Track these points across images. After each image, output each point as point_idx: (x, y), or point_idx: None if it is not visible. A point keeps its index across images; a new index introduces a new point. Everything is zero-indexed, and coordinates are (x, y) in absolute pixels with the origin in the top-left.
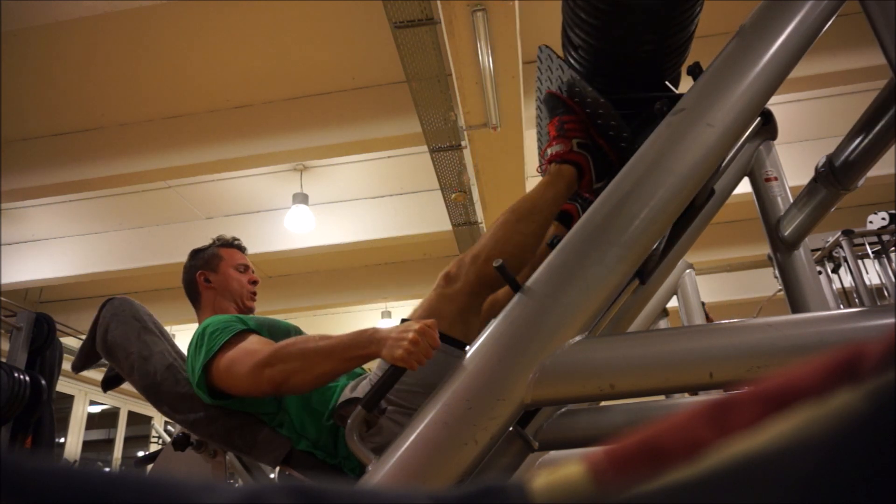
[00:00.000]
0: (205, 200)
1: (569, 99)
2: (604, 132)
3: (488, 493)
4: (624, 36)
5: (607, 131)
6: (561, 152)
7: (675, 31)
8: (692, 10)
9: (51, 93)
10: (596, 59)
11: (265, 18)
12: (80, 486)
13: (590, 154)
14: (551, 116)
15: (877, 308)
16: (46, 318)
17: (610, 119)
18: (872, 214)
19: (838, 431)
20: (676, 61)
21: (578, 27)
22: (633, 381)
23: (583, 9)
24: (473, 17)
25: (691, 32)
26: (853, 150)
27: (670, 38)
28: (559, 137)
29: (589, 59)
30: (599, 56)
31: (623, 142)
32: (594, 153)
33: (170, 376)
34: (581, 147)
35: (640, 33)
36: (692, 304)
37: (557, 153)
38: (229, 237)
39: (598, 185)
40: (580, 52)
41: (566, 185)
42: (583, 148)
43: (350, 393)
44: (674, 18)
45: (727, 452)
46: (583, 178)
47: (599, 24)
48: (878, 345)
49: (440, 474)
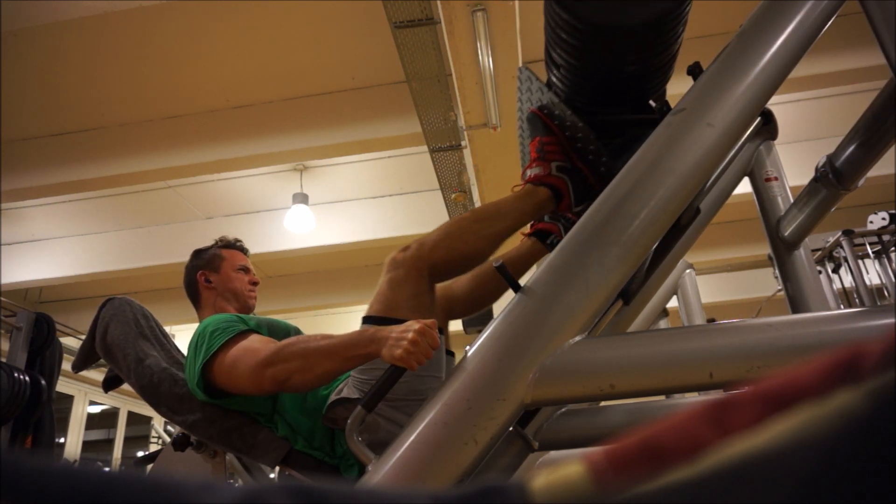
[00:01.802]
0: (205, 200)
1: (549, 120)
2: (583, 156)
3: (488, 493)
4: (605, 57)
5: (587, 155)
6: (540, 175)
7: (657, 51)
8: (674, 31)
9: (51, 93)
10: (578, 79)
11: (265, 19)
12: (80, 486)
13: (569, 177)
14: (532, 136)
15: (877, 308)
16: (46, 318)
17: (589, 143)
18: (872, 214)
19: (838, 431)
20: (661, 80)
21: (559, 46)
22: (633, 381)
23: (563, 29)
24: (473, 17)
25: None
26: (853, 150)
27: (653, 59)
28: (539, 159)
29: (571, 79)
30: (581, 76)
31: (602, 166)
32: (574, 176)
33: (168, 377)
34: (560, 170)
35: (621, 54)
36: (692, 304)
37: (536, 175)
38: (231, 238)
39: (578, 209)
40: (562, 70)
41: (536, 205)
42: (562, 171)
43: (334, 395)
44: (655, 40)
45: (727, 452)
46: (561, 201)
47: (579, 44)
48: (878, 345)
49: (440, 474)
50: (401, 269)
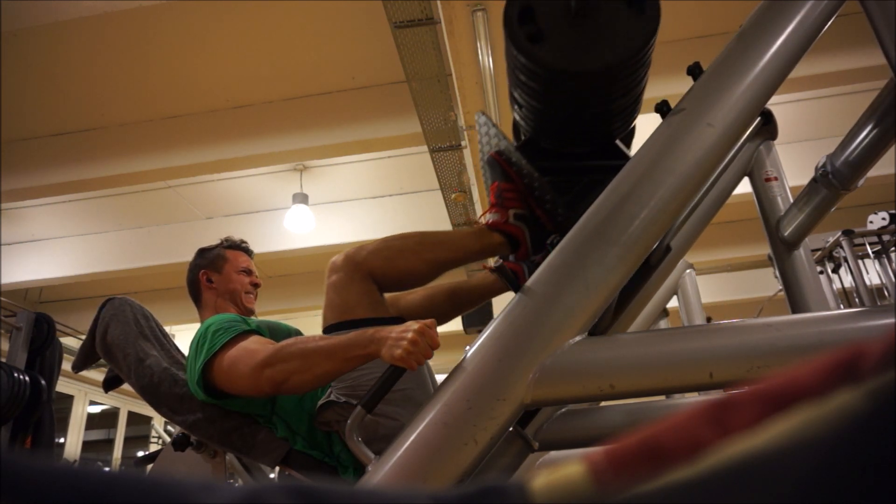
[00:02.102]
0: (205, 200)
1: (508, 166)
2: (541, 204)
3: (488, 493)
4: (565, 100)
5: (544, 203)
6: (497, 222)
7: (618, 95)
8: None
9: (51, 93)
10: (539, 120)
11: (265, 18)
12: (80, 486)
13: (526, 225)
14: (492, 180)
15: (877, 308)
16: (46, 318)
17: (545, 192)
18: (872, 214)
19: (838, 431)
20: (627, 121)
21: (520, 88)
22: (633, 381)
23: (521, 71)
24: (473, 17)
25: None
26: (853, 150)
27: (615, 102)
28: (497, 206)
29: (534, 119)
30: (543, 117)
31: (559, 216)
32: (531, 224)
33: (168, 377)
34: (517, 218)
35: (581, 98)
36: (692, 304)
37: (493, 222)
38: (237, 239)
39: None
40: (524, 110)
41: (484, 247)
42: (519, 219)
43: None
44: (615, 85)
45: (727, 452)
46: (519, 248)
47: (539, 88)
48: (878, 345)
49: (440, 474)
50: (341, 272)
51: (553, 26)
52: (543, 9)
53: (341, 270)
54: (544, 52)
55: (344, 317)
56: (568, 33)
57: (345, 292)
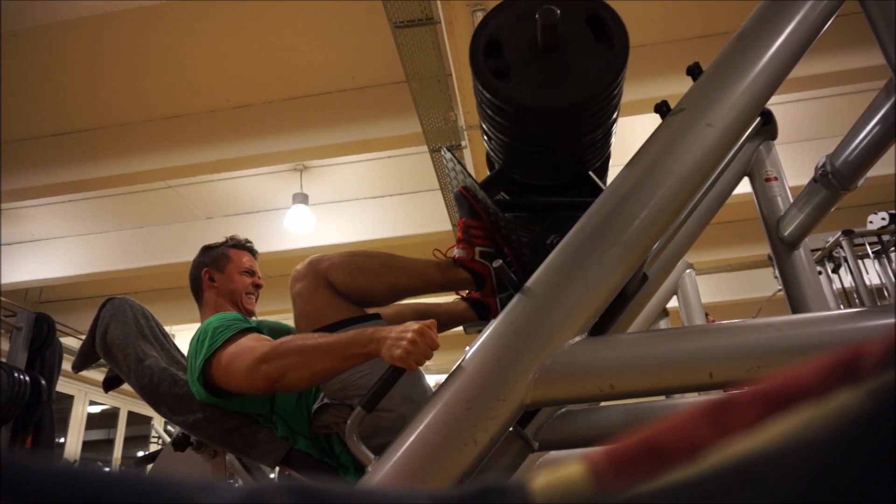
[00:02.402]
0: (205, 200)
1: (475, 203)
2: (507, 241)
3: (488, 493)
4: (532, 135)
5: (510, 242)
6: (463, 258)
7: (588, 130)
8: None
9: (51, 93)
10: (508, 153)
11: (265, 18)
12: (80, 486)
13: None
14: (460, 216)
15: (877, 308)
16: (46, 318)
17: (511, 231)
18: (872, 214)
19: (838, 431)
20: (599, 154)
21: (488, 122)
22: (633, 381)
23: (488, 105)
24: (473, 17)
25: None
26: (853, 150)
27: (585, 137)
28: (464, 242)
29: (503, 152)
30: (511, 151)
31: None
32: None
33: (167, 377)
34: (483, 256)
35: (547, 134)
36: (692, 304)
37: (460, 258)
38: (242, 238)
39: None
40: (493, 143)
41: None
42: (485, 257)
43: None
44: (585, 120)
45: (727, 452)
46: (483, 286)
47: (507, 123)
48: (878, 345)
49: (440, 474)
50: (304, 280)
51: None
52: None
53: (304, 279)
54: (510, 89)
55: (319, 323)
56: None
57: (313, 299)
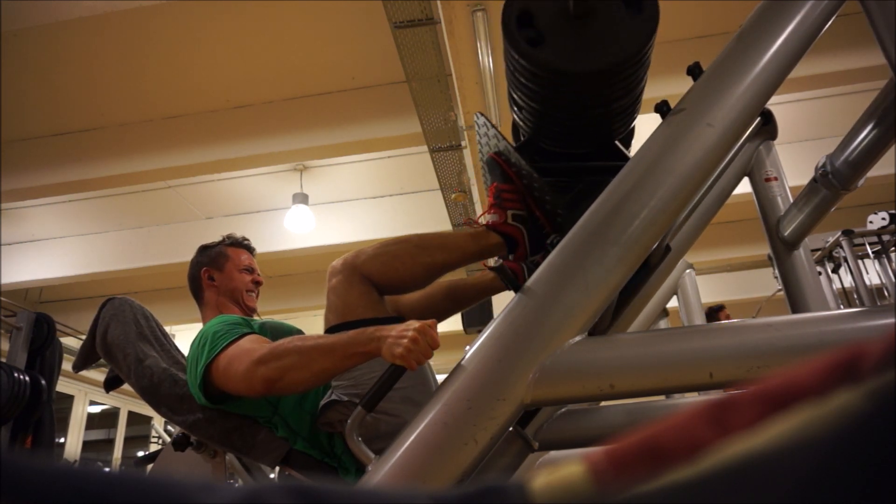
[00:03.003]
0: (205, 200)
1: (507, 167)
2: (540, 204)
3: (488, 493)
4: (565, 101)
5: (544, 204)
6: (496, 223)
7: (619, 96)
8: (635, 76)
9: (51, 93)
10: (539, 122)
11: (265, 18)
12: (80, 486)
13: (524, 226)
14: (491, 181)
15: (877, 308)
16: (46, 318)
17: (545, 193)
18: (872, 214)
19: (838, 431)
20: (625, 122)
21: (520, 90)
22: (633, 381)
23: (521, 73)
24: (473, 17)
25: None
26: (853, 150)
27: (615, 103)
28: (496, 206)
29: (533, 121)
30: (543, 119)
31: (559, 217)
32: (530, 225)
33: (167, 377)
34: (516, 219)
35: (581, 99)
36: (692, 304)
37: (493, 223)
38: (239, 236)
39: (534, 258)
40: (524, 112)
41: (482, 248)
42: (518, 220)
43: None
44: (615, 85)
45: (727, 452)
46: (517, 249)
47: (539, 89)
48: (878, 345)
49: (440, 474)
50: (340, 275)
51: (552, 29)
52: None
53: (340, 274)
54: (544, 55)
55: (345, 318)
56: (567, 35)
57: (345, 294)
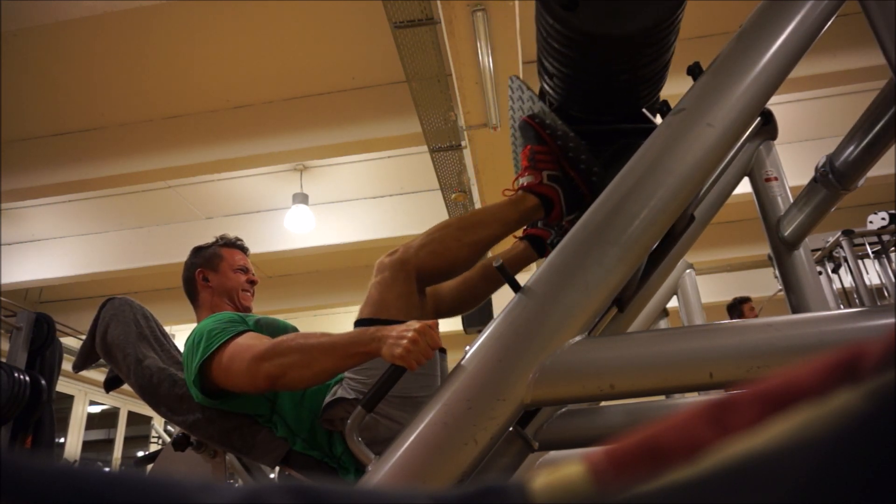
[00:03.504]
0: (205, 200)
1: (541, 129)
2: (575, 164)
3: (488, 493)
4: (597, 66)
5: (578, 164)
6: (532, 184)
7: (649, 60)
8: (667, 40)
9: (51, 93)
10: (570, 88)
11: (265, 18)
12: (80, 486)
13: (560, 187)
14: (524, 145)
15: (877, 308)
16: (46, 318)
17: (580, 152)
18: (872, 214)
19: (838, 431)
20: (653, 89)
21: (551, 55)
22: (633, 381)
23: (555, 38)
24: (473, 17)
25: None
26: (853, 150)
27: (645, 68)
28: (530, 168)
29: (563, 88)
30: (574, 85)
31: (594, 175)
32: (565, 186)
33: (167, 377)
34: (551, 179)
35: (613, 64)
36: (692, 304)
37: (528, 184)
38: (232, 237)
39: (570, 218)
40: (555, 80)
41: (521, 214)
42: (553, 180)
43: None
44: (647, 49)
45: (727, 452)
46: (552, 210)
47: (571, 54)
48: (878, 345)
49: (440, 474)
50: (387, 271)
51: None
52: None
53: (387, 270)
54: (578, 19)
55: (376, 314)
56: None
57: (385, 291)
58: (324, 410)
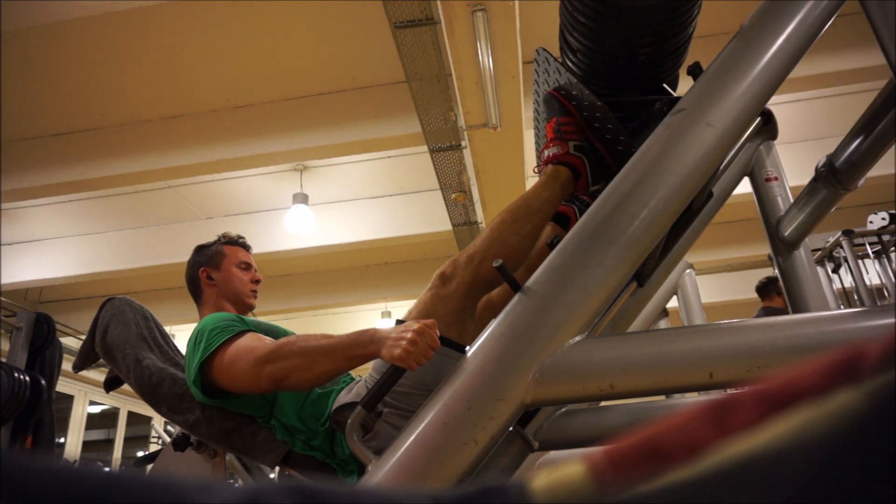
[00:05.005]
0: (205, 200)
1: (566, 101)
2: (601, 135)
3: (488, 493)
4: (622, 39)
5: (604, 134)
6: (558, 154)
7: (673, 33)
8: (690, 12)
9: (51, 93)
10: (593, 62)
11: (265, 18)
12: (80, 486)
13: (586, 157)
14: (549, 117)
15: (877, 308)
16: (46, 318)
17: (607, 122)
18: (872, 214)
19: (838, 431)
20: (675, 63)
21: (576, 30)
22: (633, 381)
23: (580, 11)
24: (473, 17)
25: (689, 34)
26: (853, 150)
27: (668, 41)
28: (556, 139)
29: (586, 62)
30: (597, 59)
31: (620, 145)
32: (591, 156)
33: (167, 377)
34: (577, 149)
35: (637, 36)
36: (692, 304)
37: (554, 155)
38: (234, 235)
39: (595, 188)
40: (578, 55)
41: (561, 187)
42: (579, 150)
43: (345, 397)
44: (672, 21)
45: (727, 452)
46: (578, 180)
47: (597, 27)
48: (878, 345)
49: (440, 474)
50: (451, 284)
51: None
52: None
53: (451, 283)
54: None
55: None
56: None
57: (441, 305)
58: (335, 411)
